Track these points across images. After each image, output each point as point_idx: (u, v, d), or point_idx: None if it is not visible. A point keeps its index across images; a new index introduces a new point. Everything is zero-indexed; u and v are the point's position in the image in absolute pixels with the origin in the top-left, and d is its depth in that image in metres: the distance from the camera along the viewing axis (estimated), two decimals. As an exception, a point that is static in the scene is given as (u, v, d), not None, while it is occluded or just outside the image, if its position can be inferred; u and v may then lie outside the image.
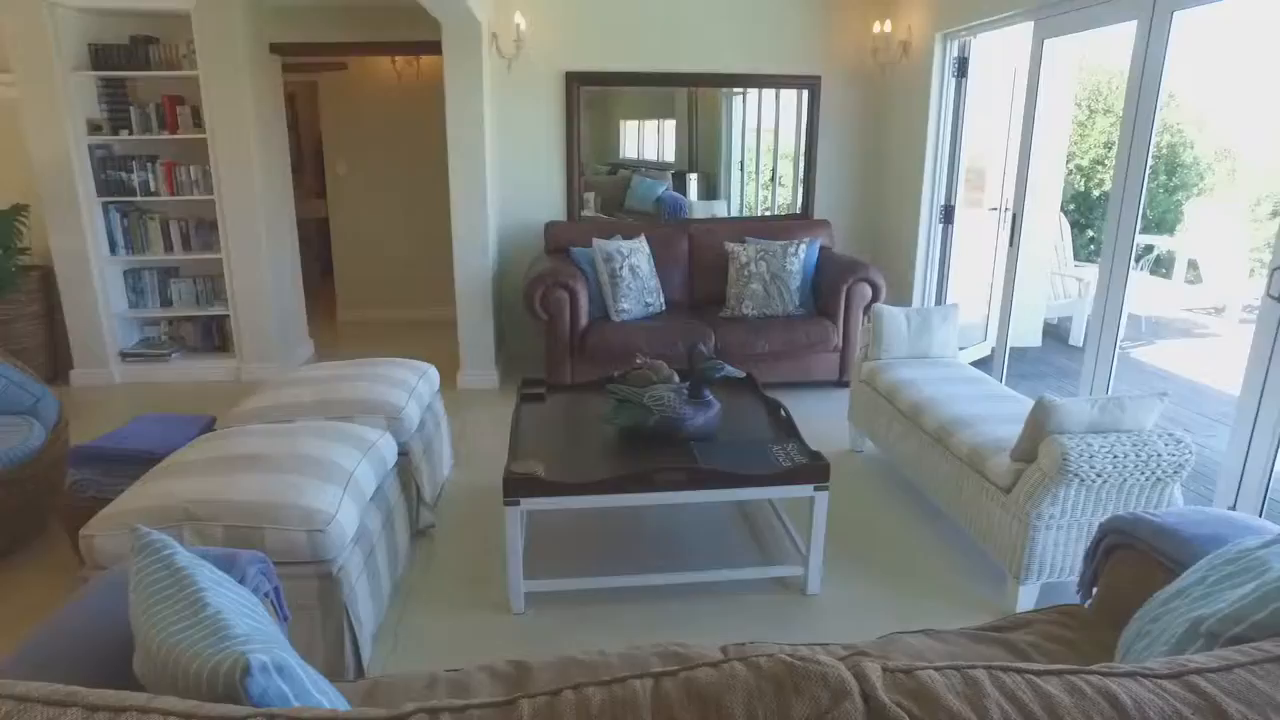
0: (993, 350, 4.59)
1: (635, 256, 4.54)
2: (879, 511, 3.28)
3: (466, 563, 2.87)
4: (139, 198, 4.73)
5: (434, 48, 4.43)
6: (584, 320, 4.37)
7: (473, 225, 4.60)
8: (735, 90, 5.38)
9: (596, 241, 4.54)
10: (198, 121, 4.63)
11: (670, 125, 5.55)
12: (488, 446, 3.87)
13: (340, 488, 2.29)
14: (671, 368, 3.15)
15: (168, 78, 4.60)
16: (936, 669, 0.91)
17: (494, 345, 4.81)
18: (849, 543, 3.01)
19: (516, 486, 2.43)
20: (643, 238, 4.71)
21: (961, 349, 4.70)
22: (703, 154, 5.56)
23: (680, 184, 5.55)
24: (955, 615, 2.56)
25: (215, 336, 5.13)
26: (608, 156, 5.51)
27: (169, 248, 4.88)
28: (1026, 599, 2.56)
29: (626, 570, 2.71)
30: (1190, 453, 2.44)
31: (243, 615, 1.09)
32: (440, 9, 3.99)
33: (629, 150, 5.56)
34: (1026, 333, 5.58)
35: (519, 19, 4.72)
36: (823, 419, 4.21)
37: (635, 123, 5.59)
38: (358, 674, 2.21)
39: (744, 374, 3.23)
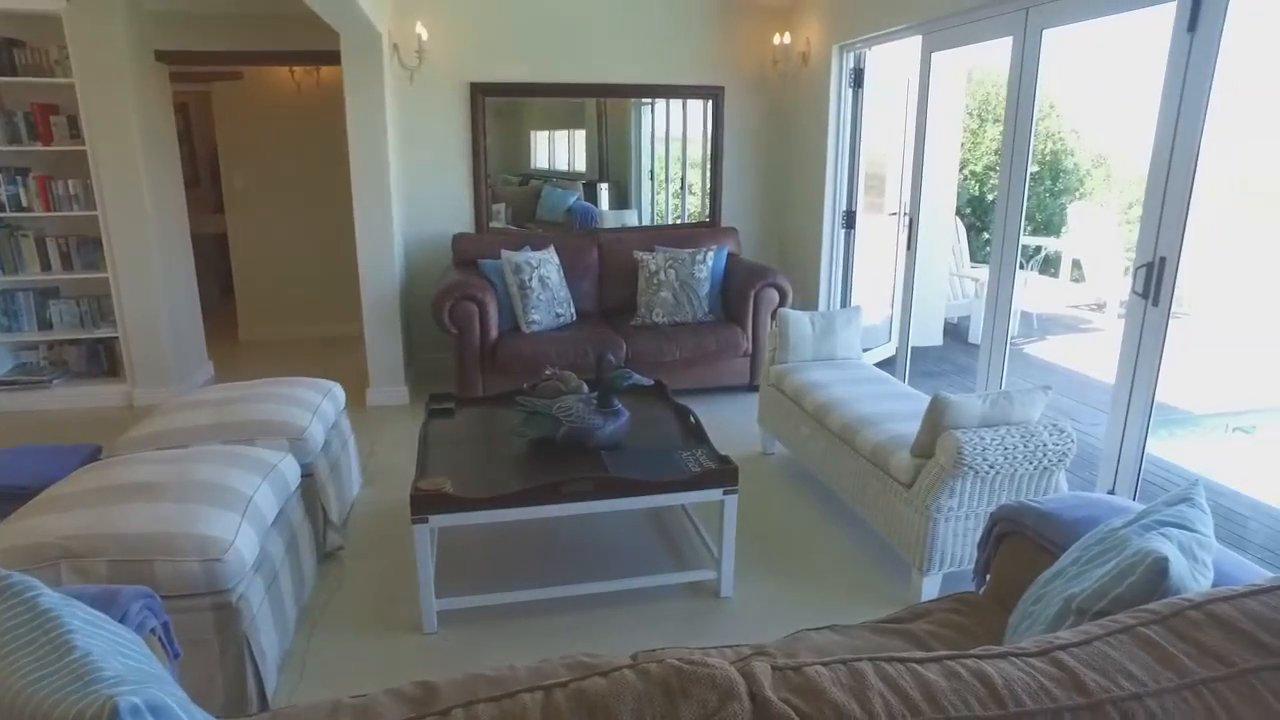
0: (897, 350, 4.76)
1: (545, 267, 4.53)
2: (790, 512, 3.35)
3: (377, 584, 2.79)
4: (9, 213, 4.43)
5: (333, 58, 4.32)
6: (494, 332, 4.32)
7: (378, 239, 4.50)
8: (644, 100, 5.43)
9: (505, 253, 4.50)
10: (75, 132, 4.37)
11: (580, 135, 5.56)
12: (398, 464, 3.78)
13: (238, 514, 2.20)
14: (582, 378, 3.16)
15: (37, 84, 4.33)
16: (824, 664, 0.94)
17: (403, 361, 4.71)
18: (761, 544, 3.07)
19: (424, 503, 2.39)
20: (552, 248, 4.70)
21: (866, 350, 4.86)
22: (613, 163, 5.59)
23: (591, 194, 5.57)
24: (864, 609, 2.64)
25: (103, 360, 4.85)
26: (518, 167, 5.48)
27: (46, 267, 4.59)
28: (930, 589, 2.66)
29: (540, 583, 2.69)
30: (1072, 441, 2.59)
31: (117, 656, 1.04)
32: (338, 19, 3.90)
33: (540, 160, 5.55)
34: (928, 332, 5.81)
35: (420, 30, 4.65)
36: (734, 423, 4.29)
37: (545, 133, 5.58)
38: (261, 706, 2.12)
39: (652, 382, 3.25)
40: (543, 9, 4.95)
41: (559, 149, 5.61)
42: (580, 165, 5.57)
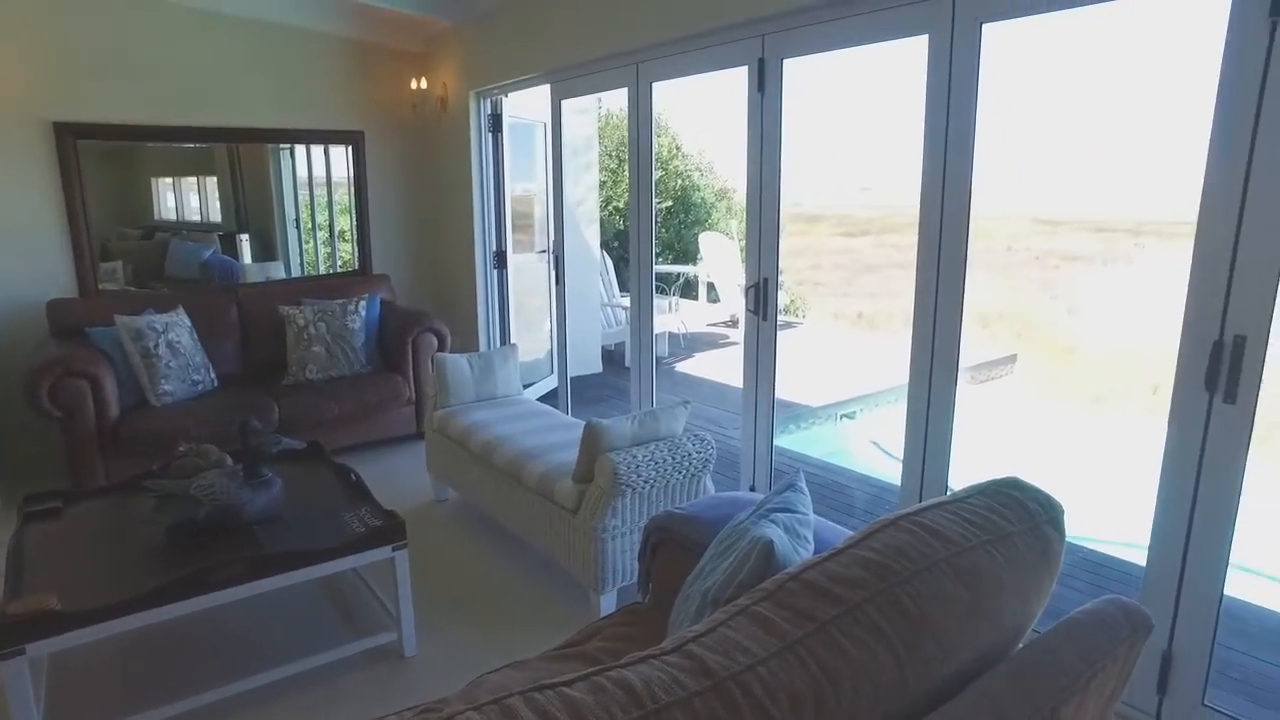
0: (558, 382, 4.96)
1: (174, 331, 4.02)
2: (468, 556, 3.32)
3: (-37, 743, 2.24)
4: None
5: None
6: (114, 410, 3.73)
7: (-64, 312, 3.66)
8: (283, 145, 5.08)
9: (120, 318, 3.91)
10: None
11: (212, 182, 5.03)
12: (-11, 585, 3.08)
13: None
14: (227, 449, 2.87)
15: None
16: (475, 709, 0.94)
17: (-11, 457, 3.87)
18: (443, 594, 3.00)
19: (17, 631, 1.97)
20: (180, 309, 4.19)
21: (530, 385, 5.00)
22: (253, 212, 5.15)
23: (231, 246, 5.06)
24: (549, 638, 2.67)
25: None
26: (140, 219, 4.81)
27: None
28: (608, 605, 2.79)
29: (195, 689, 2.35)
30: (712, 448, 2.89)
31: None
32: None
33: (167, 211, 4.93)
34: (587, 361, 6.13)
35: (-27, 59, 3.90)
36: (404, 474, 4.15)
37: (170, 180, 4.97)
38: None
39: (304, 444, 3.04)
40: (147, 41, 4.42)
41: (189, 198, 5.03)
42: (215, 215, 5.05)
